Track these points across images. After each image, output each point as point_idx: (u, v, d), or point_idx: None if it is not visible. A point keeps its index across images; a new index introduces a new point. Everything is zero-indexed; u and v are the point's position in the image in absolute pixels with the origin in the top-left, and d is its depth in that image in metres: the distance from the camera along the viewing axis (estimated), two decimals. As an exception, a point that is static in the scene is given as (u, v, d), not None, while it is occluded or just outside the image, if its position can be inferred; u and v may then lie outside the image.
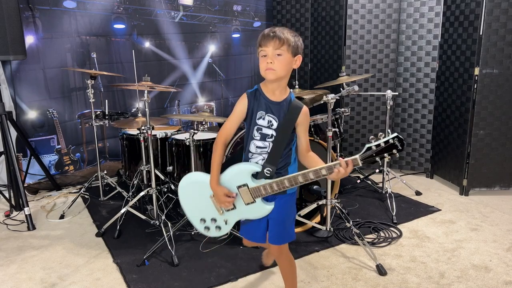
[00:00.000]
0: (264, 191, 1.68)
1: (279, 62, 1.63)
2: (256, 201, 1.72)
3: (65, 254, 2.62)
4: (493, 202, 3.36)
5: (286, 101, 1.71)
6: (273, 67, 1.62)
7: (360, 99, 4.01)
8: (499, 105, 3.36)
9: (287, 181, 1.65)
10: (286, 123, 1.70)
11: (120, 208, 2.90)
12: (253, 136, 1.72)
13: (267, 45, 1.62)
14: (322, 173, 1.61)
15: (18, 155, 3.64)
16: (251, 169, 1.70)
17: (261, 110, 1.70)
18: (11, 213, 3.24)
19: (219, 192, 1.70)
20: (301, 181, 1.64)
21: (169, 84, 4.34)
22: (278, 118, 1.70)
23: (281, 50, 1.62)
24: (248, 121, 1.73)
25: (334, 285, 2.24)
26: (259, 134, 1.71)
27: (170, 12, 4.26)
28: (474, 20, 3.30)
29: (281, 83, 1.70)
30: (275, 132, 1.70)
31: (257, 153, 1.72)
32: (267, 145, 1.71)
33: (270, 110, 1.69)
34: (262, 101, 1.70)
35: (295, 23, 4.48)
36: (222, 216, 1.78)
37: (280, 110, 1.70)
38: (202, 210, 1.80)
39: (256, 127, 1.71)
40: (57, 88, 3.79)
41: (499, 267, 2.39)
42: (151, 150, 2.79)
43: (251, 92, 1.73)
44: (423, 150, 4.04)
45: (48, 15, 3.65)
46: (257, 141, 1.72)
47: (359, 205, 3.31)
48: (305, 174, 1.63)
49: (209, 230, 1.82)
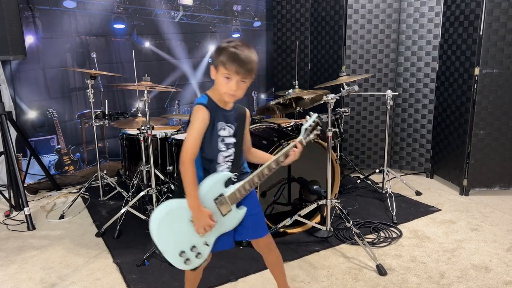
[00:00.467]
0: (239, 194, 1.69)
1: (241, 90, 1.62)
2: (232, 209, 1.72)
3: (65, 254, 2.62)
4: (493, 202, 3.36)
5: (235, 107, 1.75)
6: (235, 94, 1.61)
7: (360, 99, 4.01)
8: (499, 105, 3.36)
9: (256, 178, 1.69)
10: (239, 129, 1.74)
11: (120, 208, 2.90)
12: (219, 149, 1.69)
13: (237, 73, 1.57)
14: (281, 160, 1.70)
15: (18, 155, 3.64)
16: (224, 177, 1.69)
17: (221, 121, 1.68)
18: (11, 213, 3.24)
19: (204, 214, 1.62)
20: (266, 173, 1.70)
21: (169, 84, 4.34)
22: (233, 125, 1.72)
23: (246, 79, 1.61)
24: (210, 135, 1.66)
25: (334, 285, 2.23)
26: (224, 144, 1.70)
27: (170, 12, 4.26)
28: (474, 20, 3.30)
29: None
30: (234, 139, 1.73)
31: (224, 162, 1.72)
32: (231, 153, 1.73)
33: (226, 119, 1.71)
34: (218, 111, 1.68)
35: (295, 23, 4.48)
36: (202, 238, 1.69)
37: (233, 117, 1.73)
38: (181, 240, 1.68)
39: (219, 138, 1.69)
40: (57, 88, 3.79)
41: (499, 267, 2.39)
42: (151, 150, 2.79)
43: (207, 104, 1.65)
44: (423, 150, 4.04)
45: (48, 15, 3.65)
46: (223, 152, 1.71)
47: (359, 205, 3.31)
48: (269, 166, 1.69)
49: (190, 261, 1.70)
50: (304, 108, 3.61)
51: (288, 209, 2.85)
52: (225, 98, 1.64)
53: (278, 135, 2.87)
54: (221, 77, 1.60)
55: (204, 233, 1.66)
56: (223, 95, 1.63)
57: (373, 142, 4.10)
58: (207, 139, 1.67)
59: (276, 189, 2.78)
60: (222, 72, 1.59)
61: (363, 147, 4.13)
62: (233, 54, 1.56)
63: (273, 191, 2.77)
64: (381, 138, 4.05)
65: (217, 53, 1.61)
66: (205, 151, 1.69)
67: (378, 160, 4.12)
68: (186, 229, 1.67)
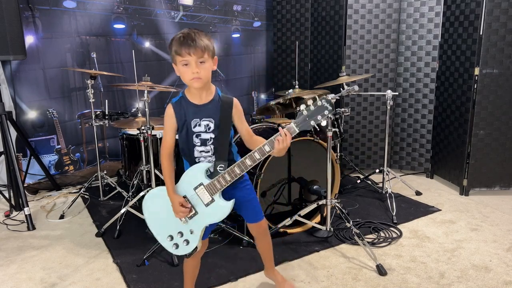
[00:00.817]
0: (219, 184, 1.70)
1: (204, 69, 1.63)
2: (215, 199, 1.72)
3: (65, 254, 2.62)
4: (493, 202, 3.36)
5: (215, 100, 1.73)
6: (199, 76, 1.62)
7: (360, 99, 4.01)
8: (499, 105, 3.36)
9: (237, 168, 1.67)
10: (223, 121, 1.72)
11: (120, 208, 2.91)
12: (194, 143, 1.74)
13: (190, 54, 1.58)
14: (266, 149, 1.64)
15: (18, 155, 3.64)
16: (203, 167, 1.73)
17: (195, 118, 1.71)
18: (11, 213, 3.24)
19: (175, 201, 1.73)
20: (249, 164, 1.65)
21: (169, 84, 4.33)
22: (214, 119, 1.72)
23: (204, 58, 1.61)
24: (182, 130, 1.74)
25: (334, 285, 2.24)
26: (199, 140, 1.74)
27: (170, 12, 4.26)
28: (474, 20, 3.30)
29: (206, 86, 1.71)
30: (213, 134, 1.73)
31: (202, 157, 1.76)
32: (209, 150, 1.75)
33: (203, 114, 1.71)
34: (190, 109, 1.71)
35: (295, 23, 4.48)
36: (187, 226, 1.77)
37: (212, 110, 1.72)
38: (168, 225, 1.80)
39: (194, 134, 1.73)
40: (57, 88, 3.79)
41: (499, 267, 2.39)
42: (151, 150, 2.79)
43: (176, 102, 1.73)
44: (423, 150, 4.04)
45: (48, 15, 3.65)
46: (198, 147, 1.75)
47: (359, 205, 3.31)
48: (251, 155, 1.64)
49: (178, 247, 1.80)
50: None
51: (288, 209, 2.85)
52: (193, 86, 1.65)
53: (278, 135, 2.87)
54: (180, 67, 1.63)
55: (181, 217, 1.75)
56: (191, 85, 1.65)
57: (373, 142, 4.10)
58: (182, 135, 1.75)
59: (276, 189, 2.78)
60: (179, 61, 1.62)
61: (363, 147, 4.13)
62: (179, 39, 1.60)
63: (273, 191, 2.78)
64: (381, 138, 4.05)
65: (169, 47, 1.65)
66: (181, 146, 1.78)
67: (378, 160, 4.12)
68: (169, 216, 1.78)
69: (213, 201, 1.73)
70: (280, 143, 1.61)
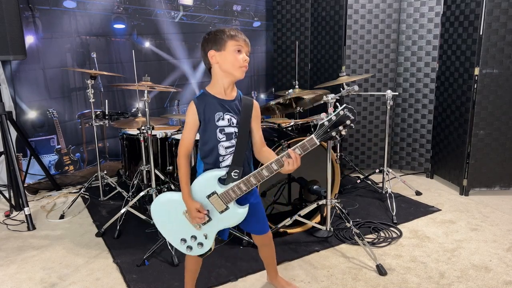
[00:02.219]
0: (234, 194, 1.66)
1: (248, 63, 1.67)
2: (229, 207, 1.69)
3: (65, 254, 2.62)
4: (493, 202, 3.36)
5: (238, 98, 1.73)
6: (247, 66, 1.64)
7: (360, 99, 4.01)
8: (499, 105, 3.36)
9: (253, 178, 1.63)
10: (242, 120, 1.70)
11: (120, 208, 2.90)
12: (218, 139, 1.69)
13: (246, 44, 1.62)
14: (273, 167, 1.61)
15: (18, 155, 3.64)
16: (216, 175, 1.68)
17: (218, 111, 1.67)
18: (11, 213, 3.24)
19: (191, 207, 1.68)
20: (266, 175, 1.62)
21: (169, 84, 4.34)
22: (236, 115, 1.70)
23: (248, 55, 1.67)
24: (206, 127, 1.69)
25: (334, 285, 2.24)
26: (224, 135, 1.69)
27: (170, 12, 4.26)
28: (474, 20, 3.30)
29: (233, 84, 1.72)
30: (237, 129, 1.70)
31: (228, 154, 1.71)
32: (234, 144, 1.71)
33: (226, 108, 1.68)
34: (214, 102, 1.68)
35: (295, 23, 4.48)
36: (201, 231, 1.75)
37: (235, 107, 1.70)
38: (180, 230, 1.77)
39: (218, 129, 1.68)
40: (57, 88, 3.79)
41: (499, 267, 2.39)
42: (151, 150, 2.80)
43: (198, 98, 1.70)
44: (423, 150, 4.04)
45: (48, 15, 3.65)
46: (224, 142, 1.70)
47: (359, 205, 3.31)
48: (269, 167, 1.61)
49: (192, 249, 1.79)
50: (304, 108, 3.62)
51: (288, 209, 2.85)
52: (237, 74, 1.63)
53: (278, 135, 2.87)
54: (230, 53, 1.61)
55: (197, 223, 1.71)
56: (235, 72, 1.63)
57: (373, 142, 4.10)
58: (205, 131, 1.69)
59: (276, 189, 2.78)
60: (231, 46, 1.61)
61: (363, 147, 4.13)
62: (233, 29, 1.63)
63: (273, 191, 2.78)
64: (381, 138, 4.05)
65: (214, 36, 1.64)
66: (206, 142, 1.70)
67: (378, 160, 4.12)
68: (182, 222, 1.75)
69: (227, 208, 1.69)
70: (289, 165, 1.59)
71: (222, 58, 1.63)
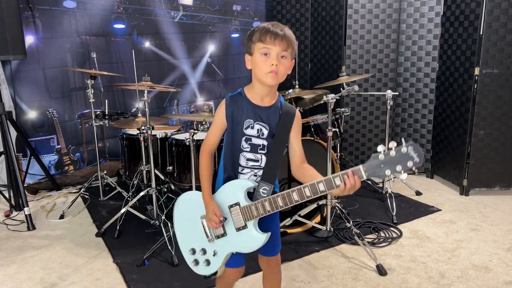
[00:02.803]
0: (256, 211, 1.46)
1: (283, 65, 1.41)
2: (247, 226, 1.49)
3: (65, 254, 2.62)
4: (493, 202, 3.36)
5: (276, 105, 1.50)
6: (277, 70, 1.39)
7: (360, 99, 4.01)
8: (499, 105, 3.36)
9: (280, 200, 1.42)
10: (280, 130, 1.48)
11: (120, 208, 2.90)
12: (241, 148, 1.49)
13: (274, 44, 1.37)
14: (320, 188, 1.36)
15: (18, 155, 3.64)
16: (245, 185, 1.49)
17: (249, 118, 1.47)
18: (11, 213, 3.24)
19: (209, 207, 1.51)
20: (296, 199, 1.40)
21: (169, 84, 4.34)
22: (268, 126, 1.48)
23: (287, 52, 1.41)
24: (233, 131, 1.50)
25: (334, 285, 2.23)
26: (249, 145, 1.49)
27: (170, 12, 4.26)
28: (474, 20, 3.30)
29: (273, 89, 1.49)
30: (266, 141, 1.49)
31: (248, 167, 1.52)
32: (259, 158, 1.51)
33: (258, 117, 1.47)
34: (247, 107, 1.48)
35: (295, 23, 4.48)
36: (212, 245, 1.57)
37: (270, 116, 1.48)
38: (193, 237, 1.61)
39: (244, 137, 1.48)
40: (57, 88, 3.79)
41: (499, 267, 2.39)
42: (151, 150, 2.79)
43: (231, 97, 1.51)
44: (423, 150, 4.04)
45: (48, 15, 3.65)
46: (247, 153, 1.49)
47: (359, 205, 3.31)
48: (301, 191, 1.38)
49: (197, 264, 1.61)
50: (304, 108, 3.61)
51: (288, 209, 2.84)
52: (267, 81, 1.41)
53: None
54: (258, 56, 1.40)
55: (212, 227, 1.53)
56: (264, 80, 1.41)
57: (373, 142, 4.10)
58: (230, 135, 1.51)
59: (276, 189, 2.77)
60: (258, 49, 1.40)
61: (363, 147, 4.13)
62: (267, 26, 1.40)
63: (273, 191, 2.77)
64: (381, 138, 4.05)
65: (249, 37, 1.45)
66: (228, 147, 1.53)
67: (378, 160, 4.11)
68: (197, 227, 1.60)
69: (245, 227, 1.50)
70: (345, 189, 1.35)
71: (253, 64, 1.44)
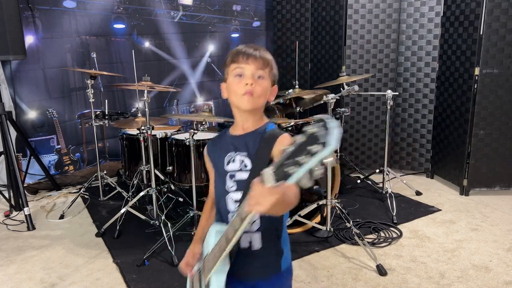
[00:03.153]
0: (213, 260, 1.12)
1: (260, 86, 1.19)
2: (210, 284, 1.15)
3: (65, 254, 2.62)
4: (493, 202, 3.36)
5: (259, 131, 1.22)
6: (252, 90, 1.17)
7: (360, 99, 4.01)
8: (499, 105, 3.36)
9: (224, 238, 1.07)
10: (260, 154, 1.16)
11: (120, 208, 2.90)
12: (226, 189, 1.21)
13: (247, 62, 1.18)
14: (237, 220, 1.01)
15: (18, 155, 3.64)
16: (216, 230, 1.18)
17: (229, 152, 1.22)
18: (11, 213, 3.24)
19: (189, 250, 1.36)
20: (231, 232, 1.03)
21: (168, 84, 4.34)
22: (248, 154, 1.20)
23: (264, 72, 1.21)
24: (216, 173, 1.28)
25: (334, 285, 2.23)
26: (234, 182, 1.20)
27: (170, 12, 4.26)
28: (474, 20, 3.30)
29: (256, 113, 1.24)
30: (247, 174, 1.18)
31: None
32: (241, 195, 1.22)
33: (238, 146, 1.22)
34: (226, 141, 1.26)
35: (295, 23, 4.48)
36: None
37: (249, 142, 1.21)
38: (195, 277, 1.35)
39: (227, 175, 1.21)
40: (57, 88, 3.79)
41: (499, 267, 2.39)
42: (151, 150, 2.79)
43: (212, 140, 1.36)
44: (423, 150, 4.04)
45: (48, 15, 3.65)
46: (233, 194, 1.20)
47: (359, 205, 3.30)
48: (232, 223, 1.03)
49: None
50: (304, 108, 3.61)
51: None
52: (242, 105, 1.19)
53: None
54: (232, 79, 1.20)
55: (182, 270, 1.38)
56: (240, 104, 1.19)
57: (373, 142, 4.10)
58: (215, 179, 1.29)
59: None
60: (232, 71, 1.20)
61: (363, 147, 4.13)
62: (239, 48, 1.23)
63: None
64: (381, 138, 4.05)
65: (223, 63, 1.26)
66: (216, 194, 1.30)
67: (378, 160, 4.12)
68: None
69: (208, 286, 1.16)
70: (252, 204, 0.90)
71: (228, 89, 1.23)
